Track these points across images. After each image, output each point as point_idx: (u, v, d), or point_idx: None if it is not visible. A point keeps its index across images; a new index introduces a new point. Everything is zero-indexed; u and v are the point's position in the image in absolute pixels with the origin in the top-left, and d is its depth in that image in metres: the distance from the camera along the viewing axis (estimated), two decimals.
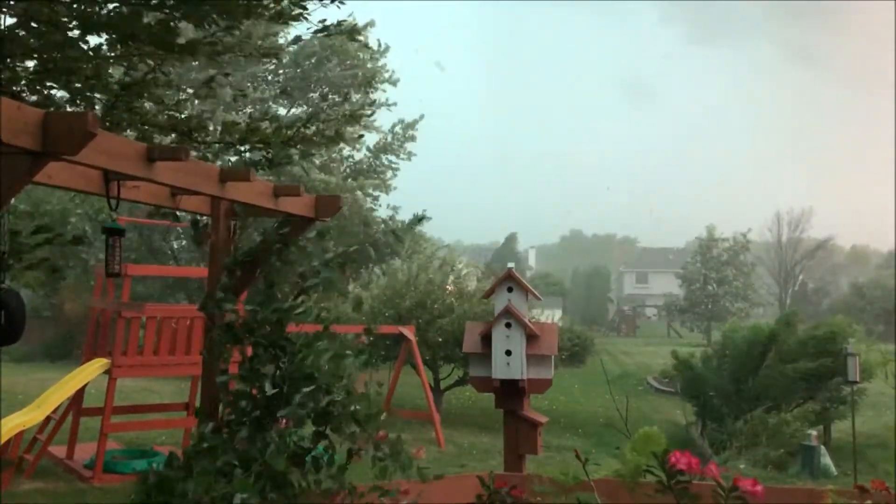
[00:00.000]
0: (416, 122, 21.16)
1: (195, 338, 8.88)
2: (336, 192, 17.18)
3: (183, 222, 5.64)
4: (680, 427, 15.14)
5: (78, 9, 4.00)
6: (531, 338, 5.44)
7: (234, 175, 3.30)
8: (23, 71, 4.24)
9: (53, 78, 4.28)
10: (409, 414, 13.24)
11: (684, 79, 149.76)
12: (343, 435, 2.98)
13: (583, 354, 22.32)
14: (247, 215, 3.82)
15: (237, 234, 3.81)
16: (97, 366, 8.55)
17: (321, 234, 3.49)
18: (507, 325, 5.43)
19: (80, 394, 8.68)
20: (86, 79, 4.27)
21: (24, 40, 3.99)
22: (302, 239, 3.73)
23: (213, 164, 3.26)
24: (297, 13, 4.63)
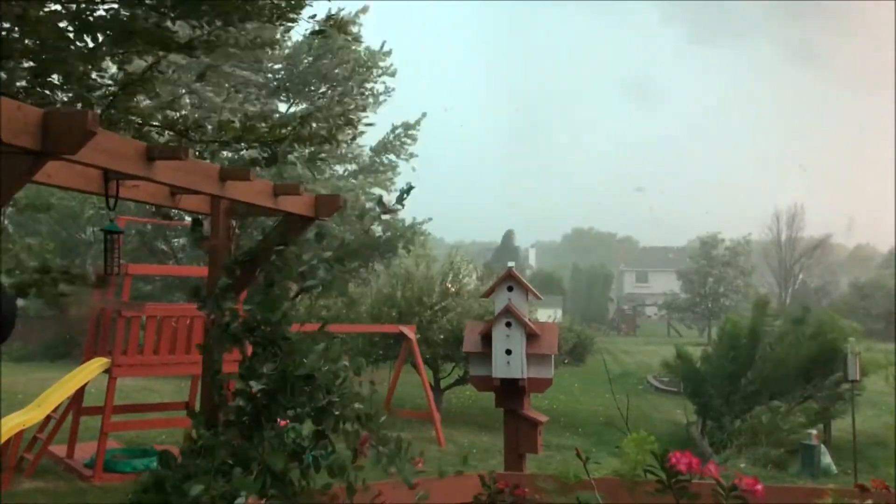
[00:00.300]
0: (418, 122, 21.02)
1: (195, 337, 8.88)
2: (337, 190, 17.19)
3: (184, 221, 5.64)
4: (680, 426, 15.16)
5: (76, 10, 4.00)
6: (531, 337, 5.44)
7: (234, 174, 3.29)
8: (21, 71, 4.24)
9: (50, 79, 4.28)
10: (410, 413, 13.24)
11: (685, 78, 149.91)
12: (342, 434, 2.98)
13: (583, 353, 22.36)
14: (247, 214, 3.81)
15: (237, 234, 3.80)
16: (97, 365, 8.55)
17: (320, 235, 3.48)
18: (508, 325, 5.43)
19: (80, 393, 8.68)
20: (82, 77, 4.27)
21: (22, 41, 4.00)
22: (302, 238, 3.73)
23: (212, 164, 3.26)
24: (291, 16, 4.65)
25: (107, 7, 4.12)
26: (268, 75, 18.76)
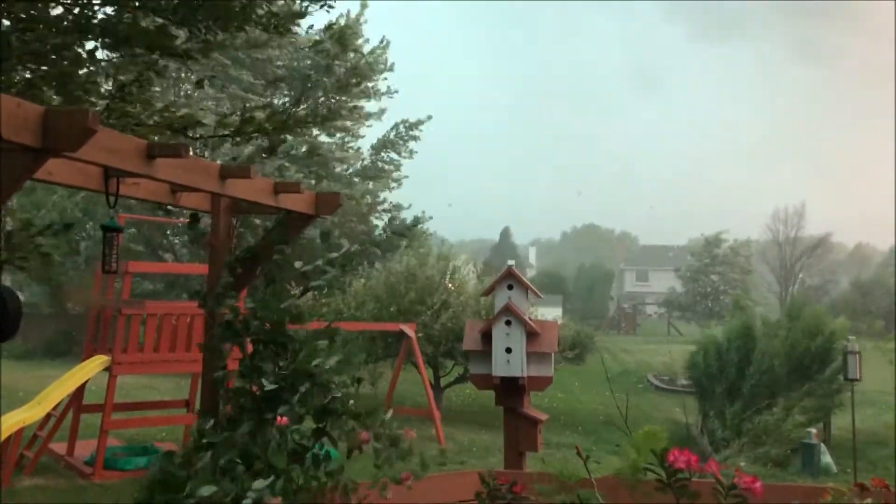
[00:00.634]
0: (422, 122, 20.89)
1: (195, 335, 8.88)
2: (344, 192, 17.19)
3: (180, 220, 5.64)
4: (680, 425, 15.14)
5: (78, 14, 4.00)
6: (531, 335, 5.44)
7: (235, 172, 3.29)
8: (19, 72, 4.24)
9: (48, 83, 4.28)
10: (410, 411, 13.24)
11: (688, 76, 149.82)
12: (342, 431, 2.98)
13: (582, 352, 22.33)
14: (247, 212, 3.81)
15: (237, 232, 3.80)
16: (97, 363, 8.56)
17: (325, 235, 3.49)
18: (508, 323, 5.43)
19: (80, 391, 8.68)
20: (84, 83, 4.27)
21: (22, 43, 3.99)
22: (302, 237, 3.73)
23: (213, 161, 3.26)
24: (287, 26, 4.66)
25: (108, 11, 4.12)
26: (266, 70, 18.67)
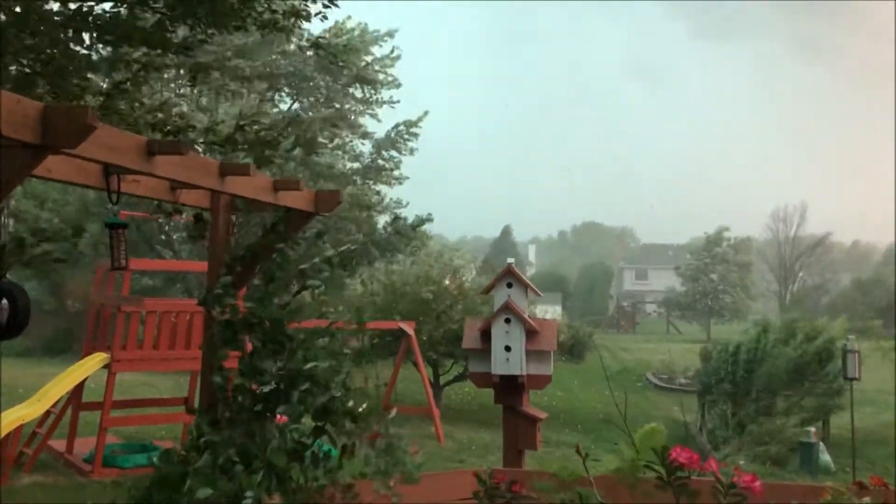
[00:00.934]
0: (421, 119, 20.99)
1: (195, 332, 8.88)
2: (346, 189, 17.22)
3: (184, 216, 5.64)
4: (679, 423, 15.15)
5: (75, 10, 4.00)
6: (531, 333, 5.44)
7: (234, 169, 3.29)
8: (15, 69, 4.23)
9: (44, 78, 4.27)
10: (409, 409, 13.24)
11: (687, 75, 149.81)
12: (341, 431, 2.98)
13: (582, 350, 22.32)
14: (247, 209, 3.81)
15: (236, 229, 3.80)
16: (97, 360, 8.56)
17: (320, 234, 3.48)
18: (507, 321, 5.43)
19: (79, 388, 8.68)
20: (78, 84, 4.27)
21: (19, 38, 3.99)
22: (302, 235, 3.72)
23: (213, 159, 3.25)
24: (284, 25, 4.65)
25: (105, 7, 4.11)
26: (266, 69, 18.63)
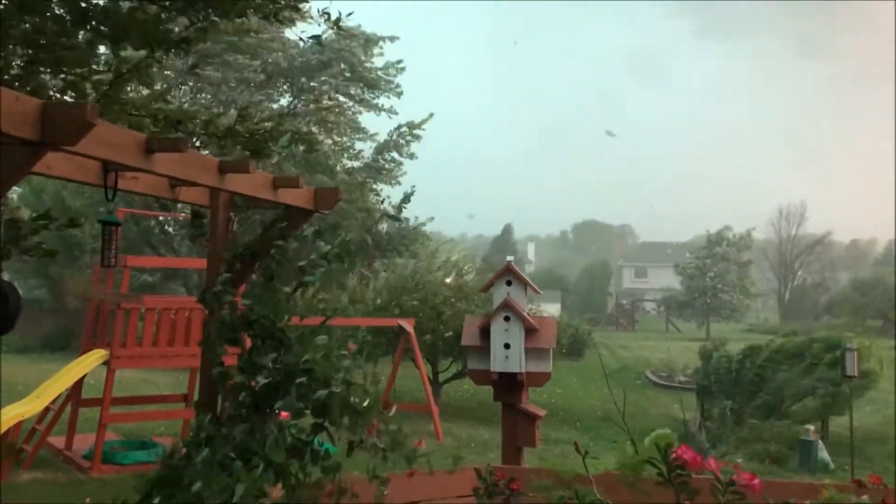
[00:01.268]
0: (424, 121, 20.88)
1: (194, 329, 8.88)
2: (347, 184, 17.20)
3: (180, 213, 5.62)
4: (678, 421, 15.17)
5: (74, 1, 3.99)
6: (530, 331, 5.44)
7: (234, 166, 3.28)
8: (15, 58, 4.22)
9: (45, 66, 4.26)
10: (408, 406, 13.25)
11: (688, 73, 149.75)
12: (341, 427, 2.98)
13: (581, 348, 22.38)
14: (246, 207, 3.80)
15: (236, 226, 3.80)
16: (96, 357, 8.55)
17: (318, 233, 3.47)
18: (506, 319, 5.43)
19: (78, 384, 8.68)
20: (80, 73, 4.25)
21: (18, 27, 3.98)
22: (301, 232, 3.72)
23: (212, 156, 3.25)
24: (288, 15, 4.63)
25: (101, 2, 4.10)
26: (267, 61, 18.57)
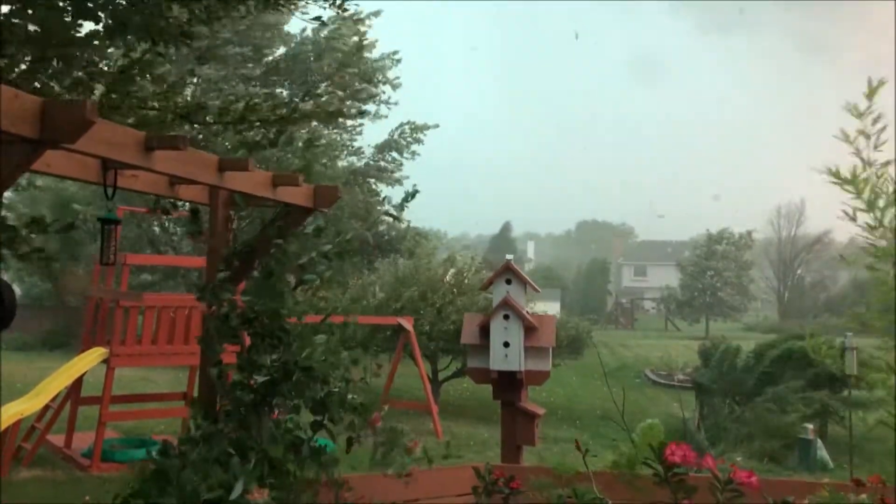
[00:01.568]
0: (428, 127, 20.85)
1: (193, 327, 8.88)
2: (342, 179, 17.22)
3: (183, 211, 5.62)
4: (677, 419, 15.17)
5: None
6: (529, 329, 5.44)
7: (233, 164, 3.28)
8: (23, 56, 4.22)
9: (51, 66, 4.26)
10: (408, 404, 13.26)
11: (690, 71, 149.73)
12: (340, 424, 2.99)
13: (580, 347, 22.34)
14: (246, 205, 3.80)
15: (236, 224, 3.79)
16: (95, 355, 8.56)
17: (318, 230, 3.47)
18: (506, 317, 5.43)
19: (78, 382, 8.69)
20: (84, 66, 4.25)
21: (22, 27, 3.97)
22: (301, 230, 3.72)
23: (211, 154, 3.24)
24: (283, 4, 4.63)
25: None
26: (267, 59, 18.55)
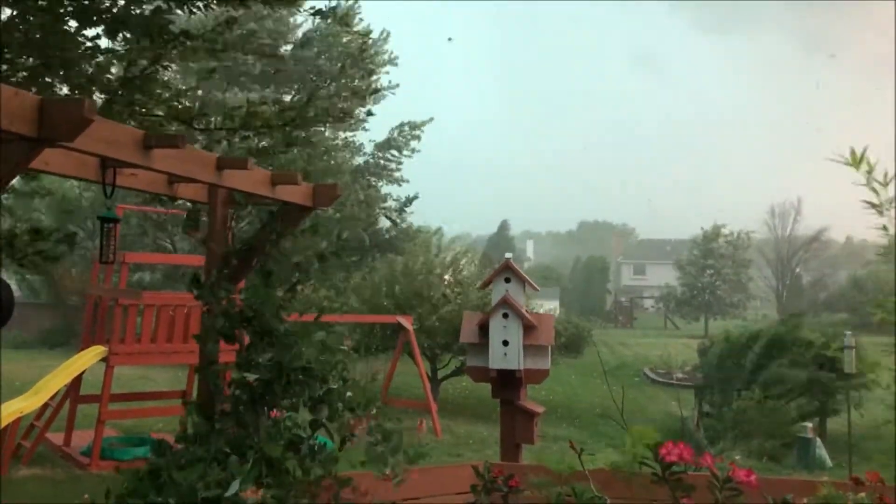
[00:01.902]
0: (425, 122, 21.04)
1: (192, 326, 8.88)
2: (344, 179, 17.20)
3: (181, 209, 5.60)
4: (676, 418, 15.18)
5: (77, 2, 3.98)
6: (528, 328, 5.44)
7: (232, 163, 3.28)
8: (22, 61, 4.21)
9: (52, 72, 4.25)
10: (407, 403, 13.26)
11: (688, 72, 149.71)
12: (337, 422, 2.99)
13: (580, 345, 22.34)
14: (245, 203, 3.80)
15: (234, 222, 3.79)
16: (94, 353, 8.56)
17: (314, 228, 3.47)
18: (505, 316, 5.43)
19: (77, 381, 8.68)
20: (87, 77, 4.24)
21: (24, 32, 3.97)
22: (299, 229, 3.72)
23: (210, 152, 3.24)
24: None
25: None
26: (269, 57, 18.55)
